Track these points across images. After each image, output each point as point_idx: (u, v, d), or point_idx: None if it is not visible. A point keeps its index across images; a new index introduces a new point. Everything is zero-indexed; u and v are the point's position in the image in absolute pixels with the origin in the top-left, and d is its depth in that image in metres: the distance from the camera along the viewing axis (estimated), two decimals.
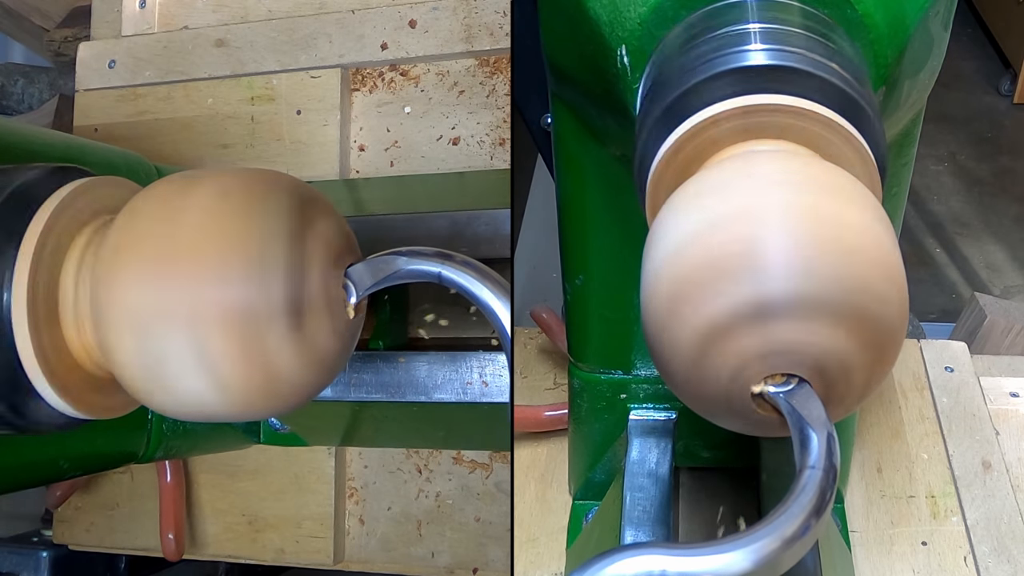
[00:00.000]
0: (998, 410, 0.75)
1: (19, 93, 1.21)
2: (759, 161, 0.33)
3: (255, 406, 0.40)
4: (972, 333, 1.06)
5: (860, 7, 0.37)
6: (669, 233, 0.32)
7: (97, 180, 0.44)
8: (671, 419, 0.61)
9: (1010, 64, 2.34)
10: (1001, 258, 1.94)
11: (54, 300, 0.41)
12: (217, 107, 0.82)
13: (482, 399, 0.63)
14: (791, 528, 0.29)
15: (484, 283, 0.42)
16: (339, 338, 0.43)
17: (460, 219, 0.65)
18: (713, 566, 0.28)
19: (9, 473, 0.56)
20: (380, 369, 0.65)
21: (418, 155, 0.78)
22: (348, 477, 0.78)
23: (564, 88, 0.48)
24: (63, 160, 0.51)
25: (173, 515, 0.77)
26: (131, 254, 0.38)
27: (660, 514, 0.57)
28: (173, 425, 0.68)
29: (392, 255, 0.43)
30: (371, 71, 0.80)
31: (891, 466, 0.71)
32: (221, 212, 0.38)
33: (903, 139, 0.48)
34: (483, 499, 0.75)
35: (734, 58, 0.34)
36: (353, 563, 0.78)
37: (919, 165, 0.83)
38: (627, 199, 0.50)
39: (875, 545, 0.65)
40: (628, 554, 0.29)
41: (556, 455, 0.74)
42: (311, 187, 0.43)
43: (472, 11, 0.76)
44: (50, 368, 0.41)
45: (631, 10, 0.39)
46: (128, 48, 0.85)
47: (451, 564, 0.75)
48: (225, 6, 0.85)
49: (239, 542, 0.80)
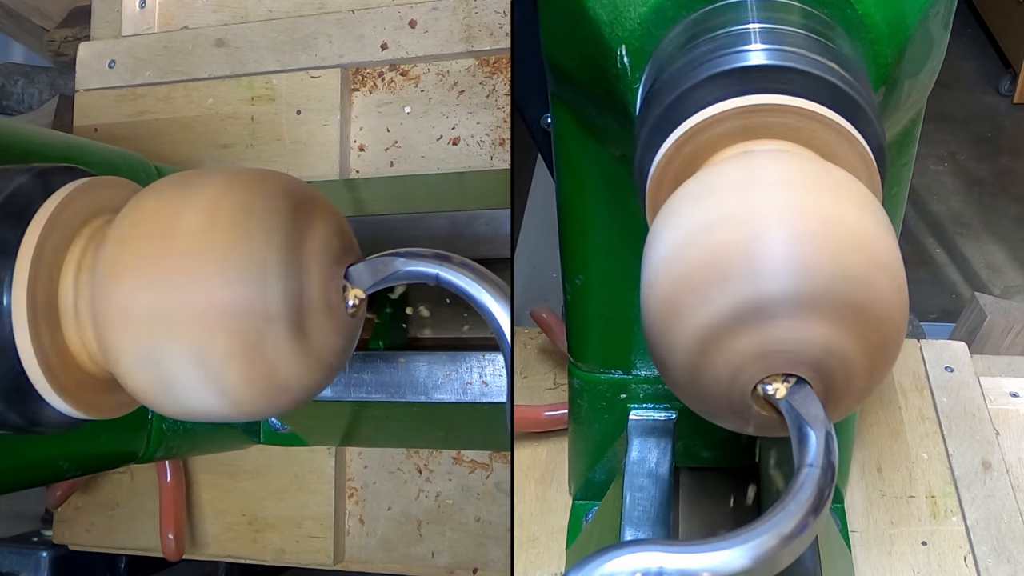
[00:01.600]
0: (998, 410, 0.75)
1: (19, 93, 1.21)
2: (759, 161, 0.33)
3: (255, 406, 0.40)
4: (972, 333, 1.05)
5: (860, 7, 0.37)
6: (669, 233, 0.32)
7: (97, 180, 0.44)
8: (671, 419, 0.61)
9: (1010, 64, 2.34)
10: (1001, 258, 1.94)
11: (54, 301, 0.41)
12: (217, 107, 0.82)
13: (482, 399, 0.63)
14: (789, 526, 0.29)
15: (482, 285, 0.41)
16: (339, 338, 0.43)
17: (460, 219, 0.65)
18: (711, 563, 0.28)
19: (9, 473, 0.56)
20: (380, 369, 0.65)
21: (418, 155, 0.78)
22: (348, 477, 0.78)
23: (564, 88, 0.48)
24: (63, 160, 0.51)
25: (173, 515, 0.77)
26: (131, 254, 0.38)
27: (660, 514, 0.57)
28: (173, 425, 0.68)
29: (390, 256, 0.43)
30: (371, 71, 0.80)
31: (891, 466, 0.71)
32: (221, 212, 0.38)
33: (903, 139, 0.48)
34: (483, 499, 0.75)
35: (734, 58, 0.34)
36: (353, 563, 0.78)
37: (919, 165, 0.83)
38: (627, 199, 0.50)
39: (875, 545, 0.65)
40: (626, 551, 0.29)
41: (556, 455, 0.74)
42: (311, 187, 0.43)
43: (472, 11, 0.76)
44: (50, 368, 0.41)
45: (631, 10, 0.39)
46: (128, 48, 0.85)
47: (451, 564, 0.75)
48: (225, 6, 0.85)
49: (239, 542, 0.80)
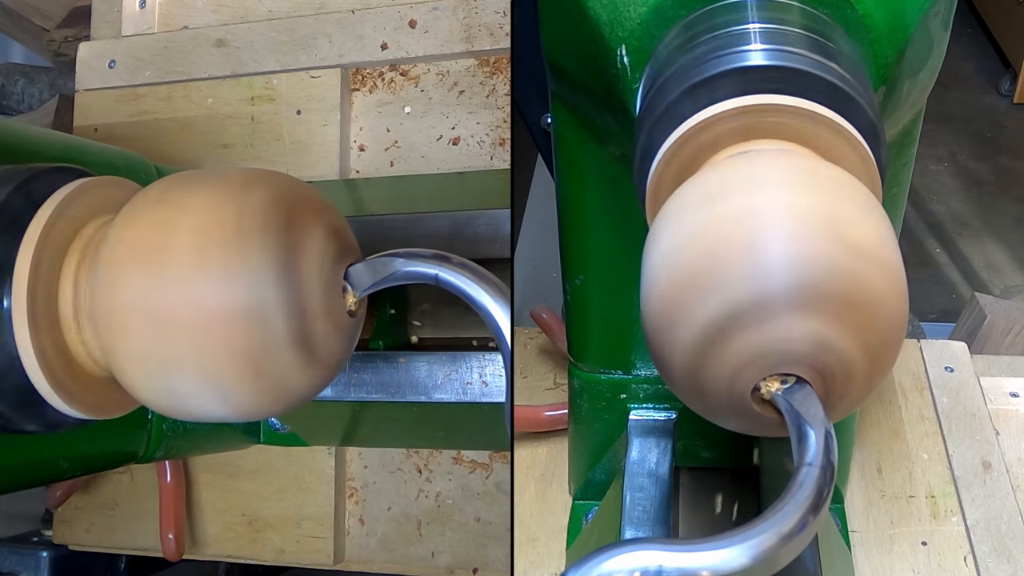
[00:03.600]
0: (998, 410, 0.75)
1: (19, 93, 1.21)
2: (759, 161, 0.33)
3: (255, 406, 0.40)
4: (972, 333, 1.05)
5: (860, 7, 0.37)
6: (669, 233, 0.32)
7: (97, 180, 0.44)
8: (671, 419, 0.61)
9: (1010, 64, 2.33)
10: (1001, 258, 1.94)
11: (54, 300, 0.41)
12: (217, 107, 0.82)
13: (482, 399, 0.63)
14: (788, 524, 0.29)
15: (481, 286, 0.41)
16: (339, 338, 0.43)
17: (460, 219, 0.65)
18: (710, 561, 0.28)
19: (9, 473, 0.56)
20: (380, 369, 0.65)
21: (418, 155, 0.78)
22: (348, 477, 0.78)
23: (564, 88, 0.48)
24: (63, 160, 0.51)
25: (173, 515, 0.77)
26: (131, 255, 0.38)
27: (660, 514, 0.57)
28: (173, 425, 0.68)
29: (390, 256, 0.43)
30: (371, 71, 0.80)
31: (891, 466, 0.71)
32: (221, 213, 0.38)
33: (903, 139, 0.48)
34: (483, 499, 0.75)
35: (734, 58, 0.34)
36: (353, 563, 0.78)
37: (919, 165, 0.83)
38: (627, 199, 0.50)
39: (875, 545, 0.65)
40: (626, 549, 0.29)
41: (556, 455, 0.74)
42: (311, 187, 0.43)
43: (472, 11, 0.76)
44: (50, 368, 0.41)
45: (631, 10, 0.39)
46: (128, 48, 0.85)
47: (451, 564, 0.75)
48: (225, 6, 0.85)
49: (239, 542, 0.80)
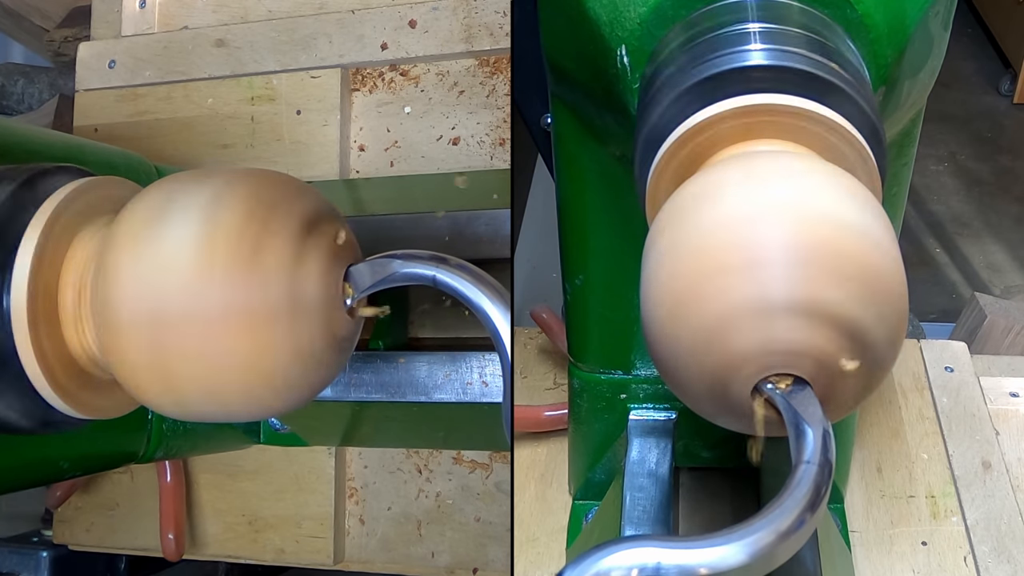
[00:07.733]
0: (998, 410, 0.75)
1: (19, 93, 1.21)
2: (759, 161, 0.33)
3: (255, 406, 0.40)
4: (972, 333, 1.05)
5: (860, 7, 0.37)
6: (669, 233, 0.32)
7: (97, 180, 0.44)
8: (671, 419, 0.61)
9: (1010, 64, 2.33)
10: (1001, 258, 1.94)
11: (54, 301, 0.41)
12: (217, 107, 0.82)
13: (482, 399, 0.63)
14: (786, 522, 0.29)
15: (479, 287, 0.41)
16: (339, 338, 0.43)
17: (460, 219, 0.65)
18: (708, 558, 0.28)
19: (9, 473, 0.56)
20: (380, 369, 0.65)
21: (418, 155, 0.78)
22: (348, 477, 0.78)
23: (564, 88, 0.48)
24: (63, 160, 0.51)
25: (173, 515, 0.77)
26: (132, 255, 0.38)
27: (660, 514, 0.57)
28: (173, 425, 0.68)
29: (388, 258, 0.43)
30: (371, 71, 0.80)
31: (891, 466, 0.71)
32: (221, 213, 0.38)
33: (903, 139, 0.48)
34: (483, 499, 0.75)
35: (734, 58, 0.34)
36: (353, 563, 0.78)
37: (919, 165, 0.83)
38: (627, 199, 0.50)
39: (875, 545, 0.65)
40: (624, 546, 0.29)
41: (556, 455, 0.74)
42: (311, 187, 0.43)
43: (472, 11, 0.76)
44: (50, 369, 0.41)
45: (631, 10, 0.39)
46: (128, 48, 0.85)
47: (451, 564, 0.75)
48: (225, 6, 0.85)
49: (239, 542, 0.80)
